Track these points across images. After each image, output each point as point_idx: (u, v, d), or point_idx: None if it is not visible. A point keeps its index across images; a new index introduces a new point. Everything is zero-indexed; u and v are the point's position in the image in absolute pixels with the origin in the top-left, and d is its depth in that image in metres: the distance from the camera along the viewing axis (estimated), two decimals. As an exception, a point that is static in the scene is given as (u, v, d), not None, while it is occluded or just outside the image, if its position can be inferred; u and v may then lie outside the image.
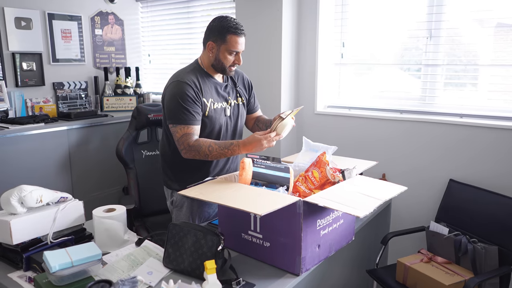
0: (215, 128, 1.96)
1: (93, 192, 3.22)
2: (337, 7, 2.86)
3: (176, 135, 1.86)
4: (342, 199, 1.54)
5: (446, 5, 2.48)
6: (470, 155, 2.40)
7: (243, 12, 2.93)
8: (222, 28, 1.83)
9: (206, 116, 1.91)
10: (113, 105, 3.60)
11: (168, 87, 1.92)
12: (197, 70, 1.94)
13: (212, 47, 1.87)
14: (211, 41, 1.87)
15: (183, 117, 1.83)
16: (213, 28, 1.87)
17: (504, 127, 2.28)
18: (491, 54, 2.41)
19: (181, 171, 2.01)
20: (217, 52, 1.87)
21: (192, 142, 1.83)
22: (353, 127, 2.80)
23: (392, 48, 2.76)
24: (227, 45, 1.84)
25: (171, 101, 1.86)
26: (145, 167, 2.85)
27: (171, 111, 1.87)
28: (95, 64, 3.61)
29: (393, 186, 1.77)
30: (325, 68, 2.91)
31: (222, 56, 1.87)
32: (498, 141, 2.31)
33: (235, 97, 2.04)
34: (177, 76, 1.92)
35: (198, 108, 1.86)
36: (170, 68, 3.81)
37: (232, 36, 1.83)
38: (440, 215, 2.37)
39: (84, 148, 3.15)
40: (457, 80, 2.57)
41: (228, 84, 2.03)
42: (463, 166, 2.42)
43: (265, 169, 1.80)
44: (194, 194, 1.61)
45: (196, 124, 1.86)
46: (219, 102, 1.96)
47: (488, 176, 2.34)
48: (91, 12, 3.53)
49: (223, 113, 1.97)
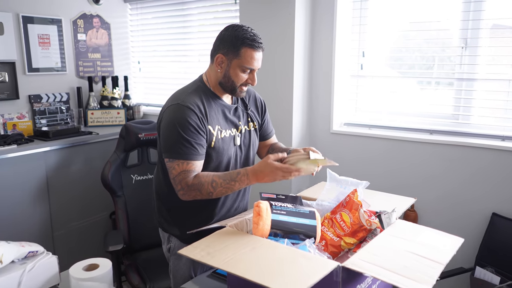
0: (223, 162, 1.60)
1: (75, 221, 2.83)
2: (355, 11, 2.51)
3: (172, 172, 1.50)
4: (392, 263, 1.22)
5: (485, 10, 2.14)
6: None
7: (248, 15, 2.57)
8: (236, 39, 1.48)
9: (212, 147, 1.55)
10: (99, 119, 3.20)
11: (166, 111, 1.55)
12: (201, 90, 1.58)
13: (222, 60, 1.53)
14: (221, 54, 1.52)
15: (182, 151, 1.48)
16: (225, 38, 1.52)
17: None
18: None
19: (181, 212, 1.65)
20: (227, 68, 1.53)
21: (191, 181, 1.47)
22: (374, 149, 2.45)
23: (419, 58, 2.42)
24: (240, 60, 1.50)
25: (169, 130, 1.51)
26: (135, 194, 2.47)
27: (168, 142, 1.51)
28: (78, 73, 3.21)
29: (448, 237, 1.44)
30: (342, 81, 2.55)
31: (233, 73, 1.52)
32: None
33: (246, 122, 1.68)
34: (177, 97, 1.56)
35: (202, 139, 1.50)
36: (163, 77, 3.44)
37: (247, 49, 1.48)
38: (483, 256, 2.03)
39: (65, 172, 2.76)
40: (497, 96, 2.23)
41: (238, 106, 1.67)
42: (508, 198, 2.08)
43: (286, 215, 1.45)
44: (200, 257, 1.26)
45: (198, 159, 1.50)
46: (227, 129, 1.60)
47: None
48: (73, 15, 3.13)
49: (232, 142, 1.62)
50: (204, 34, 3.09)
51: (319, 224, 1.46)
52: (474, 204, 2.19)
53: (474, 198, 2.18)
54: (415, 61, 2.43)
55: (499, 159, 2.11)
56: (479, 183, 2.17)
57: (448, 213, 2.26)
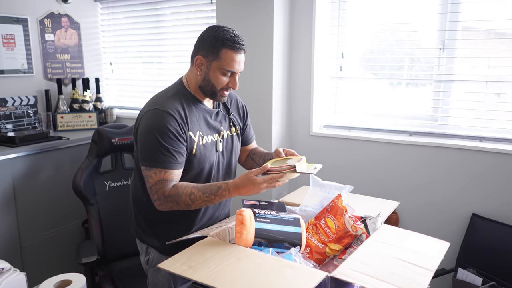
0: (205, 169, 1.53)
1: (45, 231, 2.68)
2: (333, 12, 2.48)
3: (149, 181, 1.42)
4: (380, 270, 1.20)
5: (462, 12, 2.15)
6: (496, 185, 2.08)
7: (225, 16, 2.50)
8: (216, 40, 1.42)
9: (193, 154, 1.48)
10: (69, 123, 3.06)
11: (144, 116, 1.47)
12: (181, 94, 1.50)
13: (202, 63, 1.46)
14: (201, 55, 1.45)
15: (160, 158, 1.40)
16: (204, 39, 1.45)
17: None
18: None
19: (160, 222, 1.57)
20: (206, 70, 1.46)
21: (168, 191, 1.40)
22: (355, 151, 2.43)
23: (397, 60, 2.42)
24: (220, 62, 1.43)
25: (147, 136, 1.42)
26: (109, 201, 2.36)
27: (146, 149, 1.43)
28: (46, 75, 3.05)
29: (435, 241, 1.43)
30: (321, 82, 2.52)
31: (213, 76, 1.46)
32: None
33: (228, 127, 1.62)
34: (156, 102, 1.48)
35: (181, 147, 1.43)
36: (137, 79, 3.32)
37: (227, 51, 1.42)
38: (464, 257, 2.04)
39: (33, 180, 2.61)
40: (474, 98, 2.24)
41: (220, 110, 1.61)
42: (488, 199, 2.10)
43: (270, 223, 1.39)
44: (181, 271, 1.20)
45: (177, 168, 1.43)
46: (209, 135, 1.53)
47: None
48: (39, 14, 2.98)
49: (214, 148, 1.55)
50: (179, 35, 3.00)
51: (303, 232, 1.42)
52: (454, 205, 2.19)
53: (454, 199, 2.19)
54: (393, 63, 2.43)
55: (478, 160, 2.12)
56: (459, 184, 2.18)
57: (428, 214, 2.26)
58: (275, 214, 1.43)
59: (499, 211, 2.07)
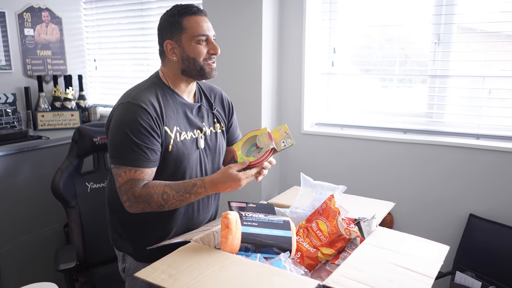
0: (183, 168, 1.41)
1: (23, 236, 2.55)
2: (324, 5, 2.39)
3: (118, 180, 1.31)
4: (376, 278, 1.11)
5: (457, 5, 2.08)
6: (494, 184, 2.01)
7: (212, 11, 2.38)
8: (172, 16, 1.36)
9: (170, 151, 1.37)
10: (50, 122, 2.93)
11: (115, 111, 1.37)
12: (157, 86, 1.40)
13: (172, 46, 1.37)
14: (168, 40, 1.36)
15: (131, 156, 1.29)
16: (163, 24, 1.39)
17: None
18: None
19: (137, 227, 1.46)
20: (181, 49, 1.36)
21: (138, 191, 1.29)
22: (347, 149, 2.34)
23: (391, 55, 2.33)
24: (188, 32, 1.35)
25: (116, 132, 1.32)
26: (90, 204, 2.24)
27: (115, 146, 1.32)
28: (25, 72, 2.92)
29: (433, 245, 1.34)
30: (312, 79, 2.43)
31: (190, 50, 1.36)
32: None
33: (211, 123, 1.52)
34: (128, 95, 1.38)
35: (155, 143, 1.32)
36: (122, 76, 3.20)
37: (188, 18, 1.35)
38: (461, 259, 1.96)
39: (10, 181, 2.48)
40: (470, 94, 2.17)
41: (202, 105, 1.50)
42: (486, 199, 2.02)
43: (257, 227, 1.30)
44: (160, 280, 1.10)
45: (149, 166, 1.32)
46: (188, 131, 1.42)
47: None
48: (18, 8, 2.85)
49: (194, 145, 1.44)
50: (165, 30, 2.89)
51: (294, 235, 1.33)
52: (450, 205, 2.11)
53: (451, 199, 2.11)
54: (387, 58, 2.34)
55: (474, 158, 2.04)
56: (455, 183, 2.10)
57: (424, 214, 2.18)
58: (263, 217, 1.33)
59: (497, 212, 1.99)
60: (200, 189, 1.31)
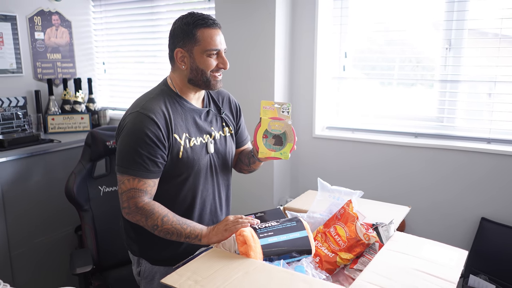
0: (196, 173, 1.43)
1: (36, 238, 2.57)
2: (335, 10, 2.40)
3: (121, 187, 1.34)
4: (400, 284, 1.13)
5: (469, 10, 2.09)
6: (505, 188, 2.02)
7: (224, 14, 2.41)
8: (187, 25, 1.35)
9: (180, 158, 1.39)
10: (60, 125, 2.95)
11: (125, 119, 1.39)
12: (166, 94, 1.42)
13: (183, 55, 1.38)
14: (179, 48, 1.37)
15: (134, 166, 1.32)
16: (176, 31, 1.38)
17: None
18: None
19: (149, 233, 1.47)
20: (191, 60, 1.37)
21: (142, 204, 1.33)
22: (358, 153, 2.36)
23: (403, 60, 2.35)
24: (200, 45, 1.35)
25: (123, 140, 1.35)
26: (103, 207, 2.27)
27: (121, 154, 1.35)
28: (36, 76, 2.93)
29: (452, 250, 1.36)
30: (323, 83, 2.44)
31: (201, 62, 1.37)
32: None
33: (220, 127, 1.53)
34: (137, 104, 1.39)
35: (161, 153, 1.35)
36: (131, 79, 3.22)
37: (203, 30, 1.35)
38: (474, 262, 1.98)
39: (23, 185, 2.49)
40: (481, 99, 2.19)
41: (211, 110, 1.51)
42: (497, 203, 2.04)
43: (274, 236, 1.31)
44: (187, 286, 1.11)
45: (152, 177, 1.35)
46: (198, 137, 1.44)
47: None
48: (29, 11, 2.86)
49: (204, 150, 1.45)
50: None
51: (310, 233, 1.34)
52: (462, 209, 2.13)
53: (462, 203, 2.13)
54: (398, 62, 2.36)
55: (486, 162, 2.06)
56: (467, 187, 2.11)
57: (436, 218, 2.20)
58: (276, 224, 1.34)
59: (509, 215, 2.01)
60: (195, 240, 1.33)
